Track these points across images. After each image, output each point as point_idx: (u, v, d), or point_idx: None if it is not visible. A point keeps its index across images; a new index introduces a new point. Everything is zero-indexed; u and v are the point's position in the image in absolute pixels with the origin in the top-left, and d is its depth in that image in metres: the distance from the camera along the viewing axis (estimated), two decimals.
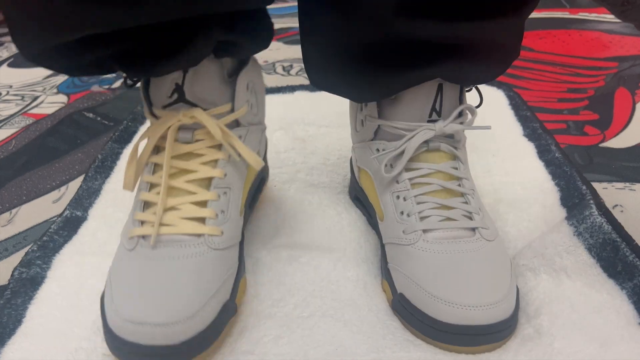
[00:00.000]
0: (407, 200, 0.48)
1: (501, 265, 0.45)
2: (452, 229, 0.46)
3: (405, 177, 0.49)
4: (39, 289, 0.51)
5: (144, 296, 0.40)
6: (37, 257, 0.55)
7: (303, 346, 0.44)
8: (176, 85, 0.44)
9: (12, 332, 0.47)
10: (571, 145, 0.72)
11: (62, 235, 0.59)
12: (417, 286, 0.44)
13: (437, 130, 0.47)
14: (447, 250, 0.45)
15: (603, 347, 0.42)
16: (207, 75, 0.45)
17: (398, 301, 0.46)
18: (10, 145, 0.84)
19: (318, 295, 0.49)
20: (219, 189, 0.45)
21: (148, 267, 0.41)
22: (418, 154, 0.49)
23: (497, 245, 0.46)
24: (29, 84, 1.08)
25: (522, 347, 0.43)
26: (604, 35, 1.06)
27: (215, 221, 0.44)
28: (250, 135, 0.49)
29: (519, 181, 0.63)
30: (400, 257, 0.47)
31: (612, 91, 0.86)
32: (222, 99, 0.46)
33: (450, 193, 0.48)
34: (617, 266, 0.48)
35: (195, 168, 0.45)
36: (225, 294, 0.44)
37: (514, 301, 0.43)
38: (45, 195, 0.70)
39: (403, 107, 0.48)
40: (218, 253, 0.44)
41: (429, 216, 0.47)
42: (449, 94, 0.48)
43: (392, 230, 0.49)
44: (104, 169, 0.72)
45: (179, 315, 0.39)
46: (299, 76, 1.00)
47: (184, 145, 0.45)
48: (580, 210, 0.54)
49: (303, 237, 0.57)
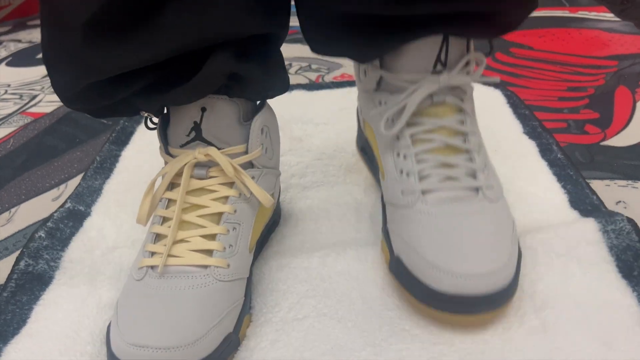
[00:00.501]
0: (407, 158, 0.46)
1: (502, 229, 0.44)
2: (453, 189, 0.44)
3: (406, 134, 0.46)
4: (46, 290, 0.51)
5: (148, 321, 0.41)
6: (45, 248, 0.55)
7: (299, 348, 0.44)
8: (194, 124, 0.46)
9: (16, 331, 0.46)
10: (572, 144, 0.72)
11: (67, 226, 0.59)
12: (414, 251, 0.43)
13: (441, 83, 0.44)
14: (446, 212, 0.43)
15: (606, 346, 0.42)
16: (223, 115, 0.46)
17: (395, 264, 0.46)
18: (8, 144, 0.83)
19: (311, 295, 0.49)
20: (228, 224, 0.47)
21: (154, 295, 0.43)
22: (421, 109, 0.46)
23: (500, 206, 0.45)
24: (27, 82, 1.07)
25: (527, 341, 0.42)
26: (603, 34, 1.06)
27: (223, 254, 0.45)
28: (263, 177, 0.51)
29: (524, 178, 0.63)
30: (399, 219, 0.46)
31: (613, 90, 0.85)
32: (236, 140, 0.48)
33: (454, 150, 0.46)
34: (634, 270, 0.48)
35: (207, 204, 0.46)
36: (229, 326, 0.44)
37: (513, 268, 0.42)
38: (44, 194, 0.70)
39: (406, 58, 0.46)
40: (223, 285, 0.45)
41: (428, 175, 0.45)
42: (455, 43, 0.45)
43: (392, 190, 0.47)
44: (104, 170, 0.71)
45: (181, 341, 0.40)
46: (298, 75, 1.00)
47: (198, 181, 0.47)
48: (611, 214, 0.53)
49: (291, 241, 0.57)
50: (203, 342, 0.41)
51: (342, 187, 0.64)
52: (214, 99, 0.46)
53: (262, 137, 0.49)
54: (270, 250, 0.56)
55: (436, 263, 0.41)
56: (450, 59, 0.45)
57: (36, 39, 1.32)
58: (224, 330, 0.43)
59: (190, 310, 0.42)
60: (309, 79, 0.99)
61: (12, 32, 1.39)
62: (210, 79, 0.44)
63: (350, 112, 0.71)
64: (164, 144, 0.48)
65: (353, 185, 0.65)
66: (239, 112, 0.48)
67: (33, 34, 1.36)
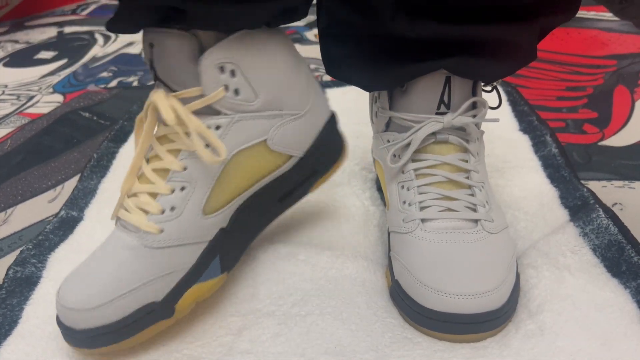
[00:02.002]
0: (410, 190, 0.49)
1: (499, 257, 0.45)
2: (452, 219, 0.46)
3: (410, 168, 0.49)
4: (35, 289, 0.51)
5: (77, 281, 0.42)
6: (32, 256, 0.54)
7: (301, 344, 0.43)
8: (150, 61, 0.42)
9: (8, 332, 0.46)
10: (570, 143, 0.72)
11: (57, 235, 0.58)
12: (409, 273, 0.45)
13: (445, 123, 0.47)
14: (443, 240, 0.45)
15: (605, 345, 0.41)
16: (171, 51, 0.40)
17: (394, 288, 0.47)
18: (5, 145, 0.83)
19: (316, 294, 0.49)
20: (174, 182, 0.42)
21: (96, 251, 0.44)
22: (425, 146, 0.49)
23: (500, 237, 0.46)
24: (25, 83, 1.07)
25: (525, 344, 0.42)
26: (602, 33, 1.06)
27: (158, 217, 0.42)
28: (238, 125, 0.43)
29: (516, 183, 0.62)
30: (400, 245, 0.48)
31: (611, 89, 0.85)
32: (193, 82, 0.41)
33: (456, 185, 0.47)
34: (622, 266, 0.48)
35: (162, 155, 0.43)
36: (151, 295, 0.42)
37: (507, 294, 0.43)
38: (40, 195, 0.70)
39: (412, 100, 0.49)
40: (152, 252, 0.42)
41: (429, 206, 0.47)
42: (459, 86, 0.47)
43: (395, 219, 0.49)
44: (100, 168, 0.71)
45: (87, 304, 0.40)
46: None
47: (164, 128, 0.43)
48: (587, 213, 0.53)
49: (301, 234, 0.57)
50: (109, 307, 0.40)
51: (347, 189, 0.64)
52: (160, 33, 0.40)
53: (223, 76, 0.42)
54: (279, 236, 0.56)
55: (427, 282, 0.43)
56: (454, 101, 0.47)
57: (33, 39, 1.32)
58: (142, 298, 0.41)
59: (106, 272, 0.41)
60: None
61: (10, 33, 1.39)
62: None
63: (348, 112, 0.70)
64: None
65: (357, 189, 0.64)
66: (192, 47, 0.41)
67: (30, 34, 1.36)
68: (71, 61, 1.17)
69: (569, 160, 0.64)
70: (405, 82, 0.48)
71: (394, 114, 0.50)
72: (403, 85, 0.49)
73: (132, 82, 1.03)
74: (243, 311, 0.47)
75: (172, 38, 0.40)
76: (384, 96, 0.51)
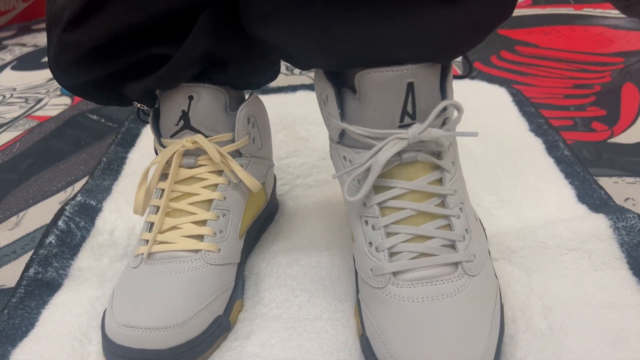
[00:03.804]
0: (376, 230, 0.41)
1: (481, 311, 0.39)
2: (428, 267, 0.39)
3: (374, 202, 0.41)
4: (54, 295, 0.51)
5: (139, 304, 0.43)
6: (55, 256, 0.54)
7: (311, 350, 0.43)
8: (182, 112, 0.47)
9: (25, 334, 0.46)
10: (579, 141, 0.71)
11: (79, 226, 0.58)
12: (380, 339, 0.39)
13: (410, 138, 0.38)
14: (419, 296, 0.39)
15: (615, 345, 0.41)
16: (210, 103, 0.48)
17: (364, 342, 0.42)
18: (14, 148, 0.83)
19: (321, 295, 0.49)
20: (218, 210, 0.48)
21: (147, 280, 0.44)
22: (390, 169, 0.40)
23: (482, 278, 0.41)
24: (33, 86, 1.07)
25: (534, 343, 0.42)
26: (609, 31, 1.06)
27: (214, 239, 0.47)
28: (252, 166, 0.52)
29: (531, 174, 0.63)
30: (369, 297, 0.42)
31: (619, 86, 0.85)
32: (224, 128, 0.49)
33: (428, 217, 0.40)
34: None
35: (197, 191, 0.48)
36: (219, 308, 0.46)
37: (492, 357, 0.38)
38: (51, 197, 0.70)
39: (368, 109, 0.39)
40: (214, 268, 0.46)
41: (400, 252, 0.40)
42: (423, 90, 0.38)
43: (362, 263, 0.43)
44: (111, 172, 0.71)
45: (170, 322, 0.41)
46: (302, 75, 1.00)
47: (187, 170, 0.48)
48: (620, 210, 0.53)
49: (300, 238, 0.57)
50: (193, 323, 0.42)
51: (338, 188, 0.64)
52: (200, 87, 0.47)
53: (248, 126, 0.51)
54: (278, 245, 0.56)
55: (401, 357, 0.37)
56: (419, 108, 0.39)
57: (41, 42, 1.32)
58: (214, 312, 0.45)
59: (180, 292, 0.43)
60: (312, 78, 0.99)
61: (17, 36, 1.39)
62: (190, 57, 0.45)
63: None
64: (157, 136, 0.50)
65: None
66: (224, 100, 0.49)
67: (38, 37, 1.37)
68: None
69: (581, 163, 0.64)
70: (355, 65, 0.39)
71: (348, 127, 0.40)
72: (355, 90, 0.39)
73: None
74: (250, 317, 0.48)
75: (211, 92, 0.48)
76: (332, 101, 0.41)
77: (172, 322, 0.41)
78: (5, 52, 1.29)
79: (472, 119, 0.73)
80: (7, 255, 0.60)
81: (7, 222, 0.66)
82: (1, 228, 0.65)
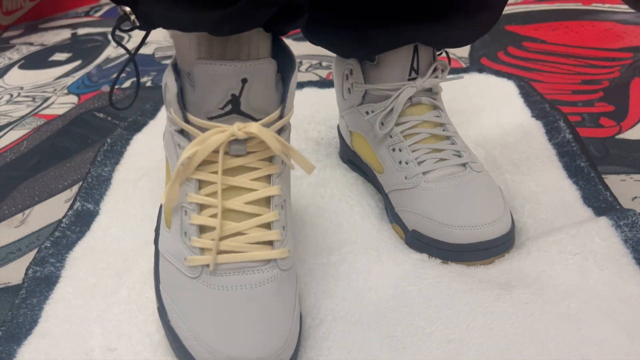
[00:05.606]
0: (402, 150, 0.55)
1: (493, 190, 0.53)
2: (446, 167, 0.53)
3: (397, 131, 0.56)
4: (54, 289, 0.51)
5: (236, 331, 0.39)
6: (51, 255, 0.55)
7: (317, 352, 0.43)
8: (232, 97, 0.41)
9: (29, 332, 0.46)
10: (587, 137, 0.71)
11: (74, 232, 0.59)
12: (428, 220, 0.52)
13: (418, 87, 0.54)
14: (446, 185, 0.52)
15: (630, 337, 0.41)
16: (266, 82, 0.41)
17: (412, 237, 0.53)
18: (22, 146, 0.84)
19: (328, 296, 0.49)
20: (277, 207, 0.43)
21: (227, 298, 0.41)
22: (404, 109, 0.56)
23: (485, 175, 0.54)
24: (40, 85, 1.08)
25: (550, 330, 0.42)
26: (617, 26, 1.05)
27: (282, 242, 0.43)
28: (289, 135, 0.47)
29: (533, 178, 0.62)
30: (406, 199, 0.55)
31: (628, 82, 0.84)
32: (274, 106, 0.43)
33: (438, 138, 0.55)
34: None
35: (250, 185, 0.42)
36: (298, 306, 0.44)
37: (510, 219, 0.52)
38: (57, 195, 0.70)
39: (385, 71, 0.56)
40: (288, 273, 0.43)
41: (424, 160, 0.54)
42: (424, 54, 0.55)
43: (394, 179, 0.56)
44: (114, 154, 0.71)
45: (275, 346, 0.39)
46: (308, 72, 0.99)
47: (235, 159, 0.41)
48: (621, 209, 0.53)
49: (313, 232, 0.57)
50: (291, 340, 0.40)
51: (362, 187, 0.64)
52: (257, 65, 0.40)
53: None
54: None
55: (450, 223, 0.50)
56: (421, 67, 0.55)
57: (48, 41, 1.33)
58: (298, 313, 0.43)
59: (272, 311, 0.40)
60: (320, 76, 0.98)
61: (24, 35, 1.40)
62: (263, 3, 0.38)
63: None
64: (183, 111, 0.42)
65: (372, 187, 0.64)
66: (274, 72, 0.42)
67: (45, 36, 1.37)
68: (85, 62, 1.18)
69: (584, 146, 0.64)
70: (381, 52, 0.55)
71: (371, 86, 0.57)
72: (374, 60, 0.56)
73: (146, 83, 1.03)
74: None
75: (264, 66, 0.40)
76: (357, 71, 0.58)
77: (277, 346, 0.39)
78: (12, 51, 1.30)
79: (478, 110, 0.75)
80: (13, 252, 0.60)
81: (12, 219, 0.66)
82: (7, 225, 0.65)
